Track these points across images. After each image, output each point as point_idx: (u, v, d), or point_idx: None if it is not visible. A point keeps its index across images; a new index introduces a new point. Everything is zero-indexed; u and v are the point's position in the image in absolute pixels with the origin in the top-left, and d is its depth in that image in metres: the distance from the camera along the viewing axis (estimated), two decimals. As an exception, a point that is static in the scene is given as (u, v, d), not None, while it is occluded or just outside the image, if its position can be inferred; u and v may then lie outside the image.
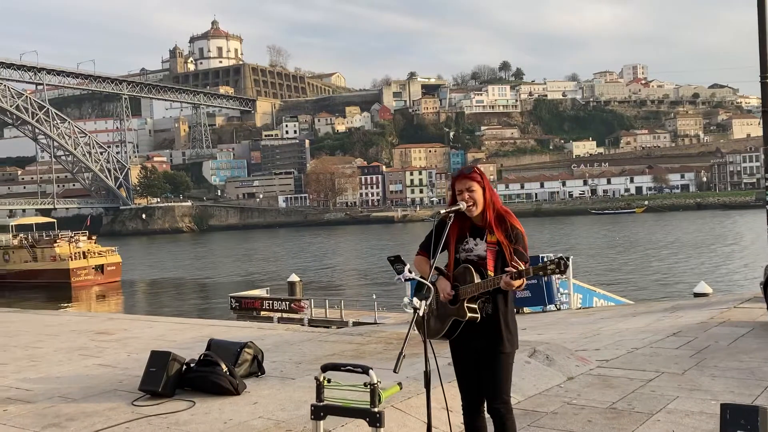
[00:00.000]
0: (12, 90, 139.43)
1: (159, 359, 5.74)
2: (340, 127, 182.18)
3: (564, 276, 14.87)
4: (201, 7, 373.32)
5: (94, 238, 60.95)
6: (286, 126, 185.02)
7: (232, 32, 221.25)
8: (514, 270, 3.44)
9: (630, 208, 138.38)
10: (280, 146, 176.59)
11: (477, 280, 3.58)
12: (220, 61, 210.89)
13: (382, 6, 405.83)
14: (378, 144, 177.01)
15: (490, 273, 3.59)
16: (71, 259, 54.00)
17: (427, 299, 3.36)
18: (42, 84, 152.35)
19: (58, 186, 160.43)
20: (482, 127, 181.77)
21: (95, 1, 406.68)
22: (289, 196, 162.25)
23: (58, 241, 56.77)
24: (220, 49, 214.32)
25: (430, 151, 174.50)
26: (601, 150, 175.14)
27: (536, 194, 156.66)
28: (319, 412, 3.03)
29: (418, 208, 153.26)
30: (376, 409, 2.94)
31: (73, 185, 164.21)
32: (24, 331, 9.65)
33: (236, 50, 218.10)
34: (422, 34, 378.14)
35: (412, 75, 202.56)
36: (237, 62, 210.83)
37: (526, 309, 14.99)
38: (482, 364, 3.70)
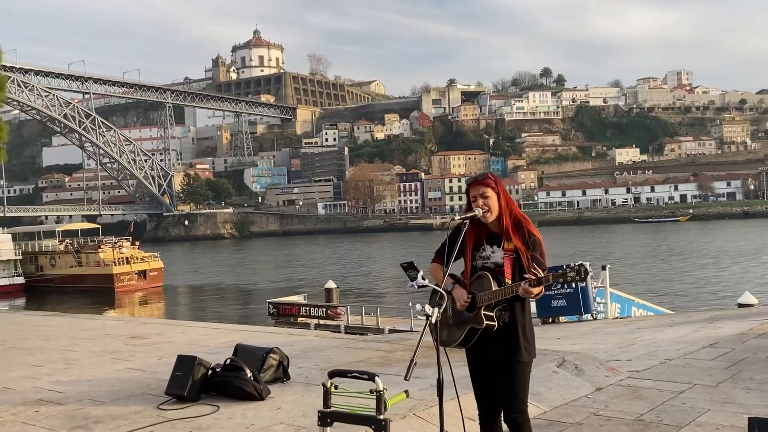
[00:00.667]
0: (60, 99, 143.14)
1: (185, 364, 5.80)
2: (379, 135, 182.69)
3: (600, 284, 14.66)
4: (243, 17, 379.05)
5: (137, 243, 62.04)
6: (326, 133, 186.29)
7: (274, 41, 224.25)
8: (533, 277, 3.39)
9: (674, 216, 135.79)
10: (319, 154, 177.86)
11: (494, 287, 3.54)
12: (262, 70, 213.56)
13: (421, 14, 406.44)
14: (417, 151, 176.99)
15: (508, 280, 3.55)
16: (115, 265, 55.01)
17: (440, 306, 3.34)
18: (89, 93, 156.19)
19: (104, 193, 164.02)
20: (523, 134, 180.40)
21: (141, 12, 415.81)
22: (328, 203, 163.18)
23: (102, 246, 57.94)
24: (261, 58, 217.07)
25: (469, 158, 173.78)
26: (644, 157, 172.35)
27: (578, 202, 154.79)
28: (326, 418, 3.03)
29: (457, 216, 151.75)
30: (381, 417, 2.92)
31: (119, 192, 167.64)
32: (61, 335, 9.87)
33: (277, 59, 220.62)
34: (462, 41, 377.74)
35: (451, 82, 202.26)
36: (278, 71, 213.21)
37: (562, 318, 14.78)
38: (499, 373, 3.65)
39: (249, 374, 5.73)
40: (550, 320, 14.63)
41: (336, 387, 3.07)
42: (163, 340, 9.00)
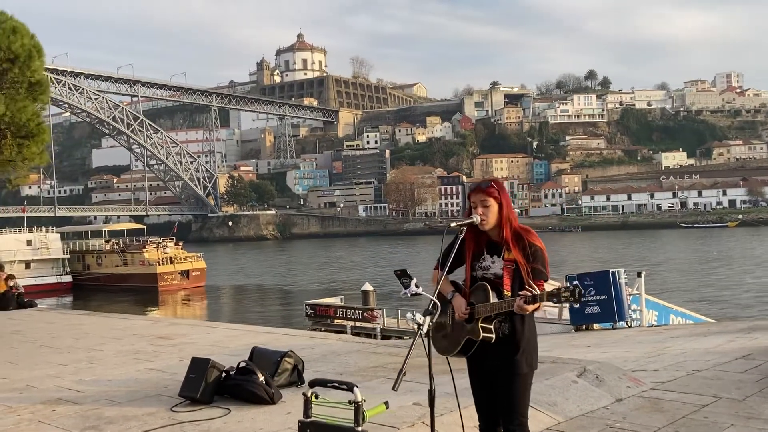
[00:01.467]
0: (109, 102, 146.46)
1: (198, 366, 5.83)
2: (421, 137, 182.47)
3: (635, 291, 14.34)
4: (288, 21, 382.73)
5: (180, 244, 63.04)
6: (367, 136, 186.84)
7: (317, 45, 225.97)
8: (529, 294, 3.31)
9: (722, 222, 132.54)
10: (361, 156, 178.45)
11: (493, 299, 3.46)
12: (305, 73, 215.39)
13: (464, 16, 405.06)
14: (458, 154, 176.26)
15: (507, 292, 3.47)
16: (159, 264, 55.91)
17: (433, 315, 3.27)
18: (137, 96, 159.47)
19: (151, 194, 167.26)
20: (567, 137, 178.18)
21: (188, 17, 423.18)
22: (369, 205, 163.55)
23: (146, 246, 59.01)
24: (305, 61, 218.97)
25: (512, 162, 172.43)
26: (691, 161, 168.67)
27: (623, 206, 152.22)
28: (306, 428, 2.98)
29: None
30: (359, 428, 2.87)
31: (165, 193, 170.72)
32: (91, 334, 10.04)
33: (320, 62, 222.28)
34: (505, 43, 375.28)
35: (494, 84, 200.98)
36: (321, 74, 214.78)
37: (596, 325, 14.51)
38: (498, 385, 3.57)
39: (261, 378, 5.72)
40: (584, 327, 14.37)
41: (317, 396, 3.02)
42: (188, 341, 9.07)
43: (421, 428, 5.05)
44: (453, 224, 3.57)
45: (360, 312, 28.69)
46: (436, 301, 3.32)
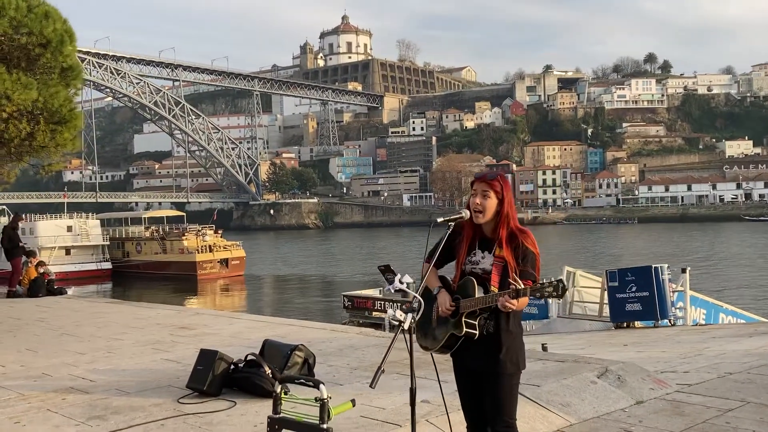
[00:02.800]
0: (151, 86, 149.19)
1: (206, 358, 5.98)
2: (469, 124, 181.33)
3: (680, 288, 14.11)
4: (331, 2, 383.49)
5: (220, 232, 63.95)
6: (413, 122, 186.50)
7: (362, 27, 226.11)
8: (512, 289, 3.34)
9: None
10: (406, 143, 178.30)
11: (479, 294, 3.50)
12: (350, 57, 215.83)
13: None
14: (508, 141, 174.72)
15: (494, 288, 3.50)
16: (198, 252, 56.81)
17: (414, 312, 3.32)
18: (179, 80, 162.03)
19: (192, 180, 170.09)
20: (624, 124, 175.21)
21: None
22: (413, 194, 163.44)
23: (186, 234, 60.05)
24: (349, 44, 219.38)
25: (565, 149, 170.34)
26: (758, 150, 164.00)
27: (682, 197, 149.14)
28: (275, 424, 3.07)
29: (550, 210, 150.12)
30: (325, 426, 2.94)
31: (206, 180, 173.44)
32: (113, 323, 10.34)
33: (365, 45, 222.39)
34: (560, 25, 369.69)
35: (547, 68, 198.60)
36: (366, 57, 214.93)
37: (637, 323, 14.34)
38: (484, 385, 3.61)
39: (268, 371, 5.84)
40: (625, 325, 14.21)
41: (286, 393, 3.11)
42: (209, 331, 9.29)
43: (423, 426, 5.10)
44: (440, 219, 3.61)
45: (398, 305, 28.86)
46: (419, 297, 3.37)
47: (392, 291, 3.48)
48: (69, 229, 59.42)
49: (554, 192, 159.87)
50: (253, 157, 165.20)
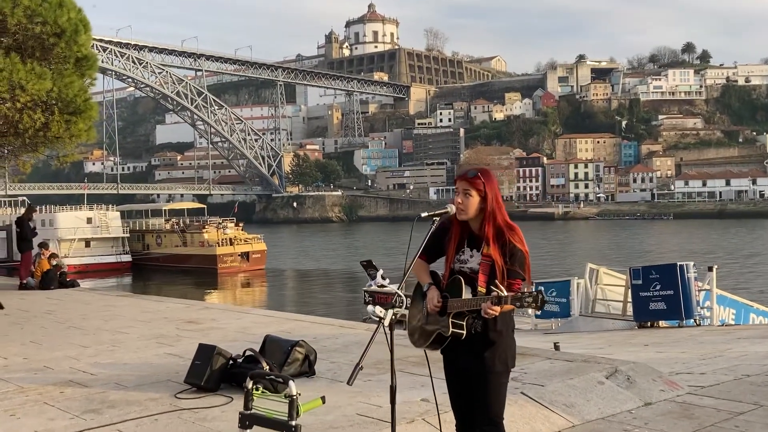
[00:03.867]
0: (173, 76, 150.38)
1: (204, 352, 6.06)
2: (498, 115, 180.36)
3: (706, 286, 13.97)
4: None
5: (241, 225, 64.30)
6: (440, 114, 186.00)
7: (389, 15, 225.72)
8: (494, 295, 3.37)
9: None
10: (433, 135, 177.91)
11: (466, 294, 3.53)
12: (376, 46, 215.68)
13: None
14: (539, 133, 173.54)
15: (481, 289, 3.53)
16: (218, 246, 57.20)
17: (395, 308, 3.35)
18: (201, 70, 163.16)
19: (214, 172, 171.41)
20: (660, 116, 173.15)
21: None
22: (440, 187, 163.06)
23: (206, 227, 60.44)
24: (375, 33, 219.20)
25: (598, 142, 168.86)
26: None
27: (720, 193, 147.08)
28: (245, 420, 3.12)
29: (582, 205, 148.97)
30: (293, 423, 2.98)
31: (229, 171, 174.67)
32: (121, 316, 10.50)
33: (392, 34, 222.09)
34: (594, 13, 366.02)
35: (580, 58, 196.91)
36: (393, 47, 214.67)
37: (662, 323, 14.22)
38: (472, 384, 3.64)
39: (266, 367, 5.91)
40: (649, 324, 14.11)
41: (257, 389, 3.15)
42: (215, 326, 9.40)
43: (420, 425, 5.14)
44: (424, 214, 3.64)
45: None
46: (401, 293, 3.44)
47: (375, 287, 3.52)
48: (89, 220, 60.03)
49: (586, 186, 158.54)
50: (276, 148, 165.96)
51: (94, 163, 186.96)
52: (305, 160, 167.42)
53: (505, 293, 3.34)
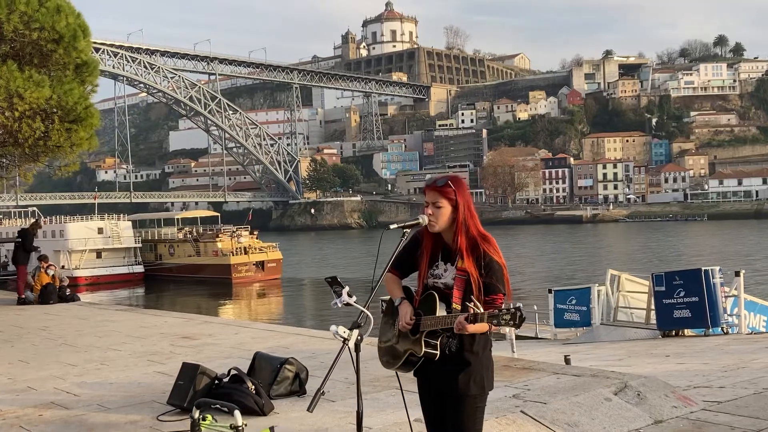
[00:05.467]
0: (186, 81, 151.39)
1: (187, 372, 5.97)
2: (522, 115, 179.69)
3: (734, 292, 13.70)
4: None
5: (255, 233, 64.37)
6: (462, 114, 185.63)
7: (407, 14, 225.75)
8: (470, 312, 3.24)
9: None
10: (454, 137, 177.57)
11: (441, 311, 3.41)
12: (394, 46, 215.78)
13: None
14: (565, 133, 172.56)
15: (456, 305, 3.41)
16: (232, 255, 57.25)
17: (361, 328, 3.24)
18: (214, 74, 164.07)
19: (229, 179, 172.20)
20: (692, 113, 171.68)
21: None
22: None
23: (220, 235, 60.53)
24: (393, 32, 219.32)
25: (627, 141, 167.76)
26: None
27: (757, 192, 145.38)
28: (191, 452, 3.02)
29: (611, 207, 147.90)
30: (239, 454, 2.88)
31: (244, 178, 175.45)
32: (116, 332, 10.47)
33: (411, 33, 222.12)
34: (621, 6, 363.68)
35: (607, 54, 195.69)
36: (411, 46, 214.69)
37: (687, 331, 13.98)
38: (446, 407, 3.52)
39: (251, 387, 5.81)
40: (673, 333, 13.87)
41: (204, 418, 3.05)
42: (211, 341, 9.33)
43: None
44: (393, 226, 3.53)
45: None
46: (368, 313, 3.30)
47: (339, 305, 3.41)
48: (100, 231, 60.31)
49: (615, 187, 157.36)
50: (292, 153, 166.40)
51: (106, 172, 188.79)
52: (323, 164, 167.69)
53: (481, 310, 3.22)
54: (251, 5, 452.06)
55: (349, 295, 3.34)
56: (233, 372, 6.04)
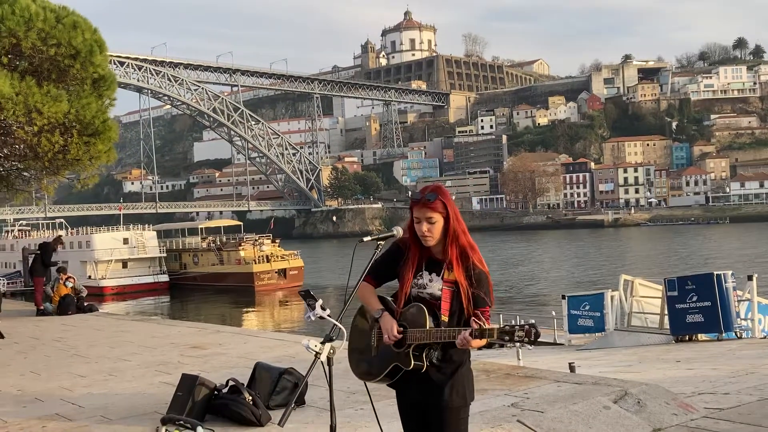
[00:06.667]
0: (209, 92, 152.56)
1: (186, 383, 5.96)
2: (542, 120, 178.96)
3: (747, 297, 13.50)
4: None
5: (277, 241, 64.59)
6: (482, 120, 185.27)
7: (426, 22, 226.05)
8: (476, 327, 3.16)
9: None
10: (474, 143, 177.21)
11: (429, 323, 3.33)
12: (413, 54, 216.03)
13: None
14: (585, 138, 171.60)
15: (444, 318, 3.34)
16: (255, 263, 57.46)
17: (333, 341, 3.20)
18: (237, 85, 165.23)
19: (253, 188, 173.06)
20: (712, 116, 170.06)
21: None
22: (483, 197, 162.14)
23: (242, 244, 60.81)
24: (412, 41, 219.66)
25: (647, 145, 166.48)
26: None
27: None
28: (158, 467, 3.01)
29: (632, 211, 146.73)
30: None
31: (267, 187, 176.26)
32: (128, 342, 10.52)
33: (429, 41, 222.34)
34: (639, 10, 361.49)
35: (626, 58, 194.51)
36: (430, 54, 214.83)
37: (701, 336, 13.78)
38: (428, 420, 3.45)
39: (248, 398, 5.79)
40: (687, 338, 13.69)
41: None
42: (219, 351, 9.33)
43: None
44: (366, 239, 3.48)
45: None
46: (341, 326, 3.26)
47: (312, 319, 3.37)
48: (125, 241, 60.87)
49: (637, 191, 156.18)
50: (314, 162, 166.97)
51: (132, 183, 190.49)
52: (344, 173, 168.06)
53: (488, 326, 3.14)
54: (272, 17, 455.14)
55: (323, 308, 3.30)
56: (231, 383, 6.03)
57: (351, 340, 3.63)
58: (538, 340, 3.13)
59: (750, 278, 13.45)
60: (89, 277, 53.83)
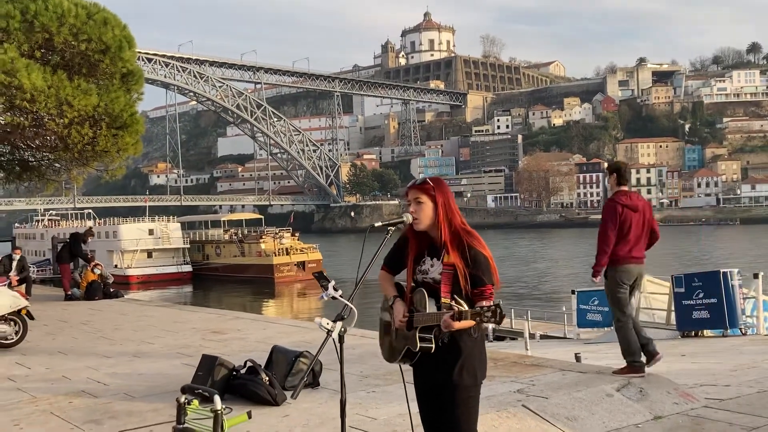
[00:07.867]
0: (233, 89, 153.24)
1: (206, 363, 6.09)
2: (557, 121, 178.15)
3: (753, 294, 13.45)
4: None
5: (297, 234, 64.99)
6: (498, 120, 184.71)
7: (445, 23, 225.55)
8: (455, 310, 3.24)
9: None
10: (490, 142, 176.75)
11: (431, 306, 3.42)
12: (432, 54, 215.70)
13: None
14: (599, 139, 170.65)
15: (445, 300, 3.41)
16: (275, 255, 57.89)
17: (345, 320, 3.30)
18: (260, 83, 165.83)
19: (274, 183, 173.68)
20: (725, 119, 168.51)
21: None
22: (498, 195, 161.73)
23: (263, 237, 61.25)
24: (431, 41, 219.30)
25: (660, 147, 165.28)
26: None
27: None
28: (177, 435, 3.10)
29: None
30: (218, 438, 2.94)
31: (288, 182, 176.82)
32: (151, 326, 10.68)
33: (448, 42, 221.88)
34: (655, 14, 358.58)
35: (641, 61, 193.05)
36: (449, 54, 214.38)
37: (707, 332, 13.75)
38: (441, 399, 3.53)
39: (265, 378, 5.90)
40: (693, 334, 13.66)
41: (189, 403, 3.13)
42: (239, 336, 9.46)
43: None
44: (378, 224, 3.57)
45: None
46: (352, 306, 3.35)
47: (326, 299, 3.47)
48: (150, 232, 61.52)
49: (649, 192, 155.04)
50: (334, 158, 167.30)
51: (158, 176, 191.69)
52: (362, 169, 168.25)
53: (465, 308, 3.22)
54: (296, 17, 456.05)
55: (335, 289, 3.40)
56: (249, 364, 6.15)
57: (380, 328, 3.73)
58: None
59: (756, 276, 13.39)
60: (115, 266, 54.38)
